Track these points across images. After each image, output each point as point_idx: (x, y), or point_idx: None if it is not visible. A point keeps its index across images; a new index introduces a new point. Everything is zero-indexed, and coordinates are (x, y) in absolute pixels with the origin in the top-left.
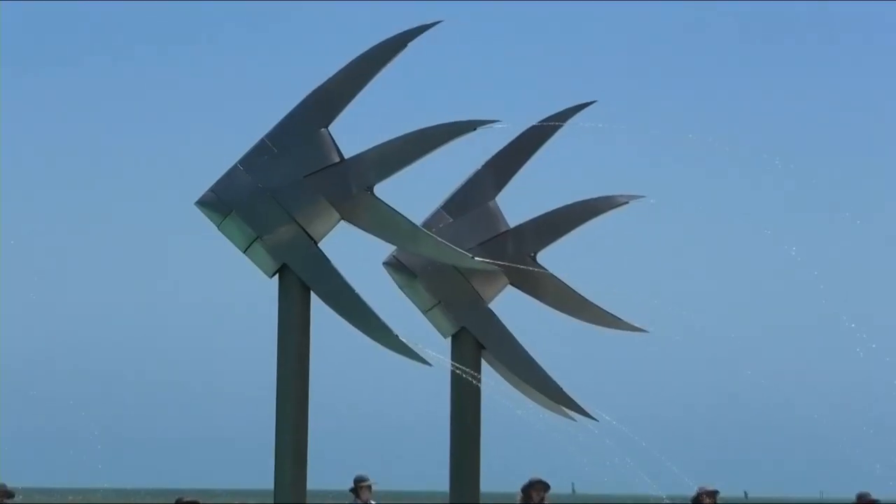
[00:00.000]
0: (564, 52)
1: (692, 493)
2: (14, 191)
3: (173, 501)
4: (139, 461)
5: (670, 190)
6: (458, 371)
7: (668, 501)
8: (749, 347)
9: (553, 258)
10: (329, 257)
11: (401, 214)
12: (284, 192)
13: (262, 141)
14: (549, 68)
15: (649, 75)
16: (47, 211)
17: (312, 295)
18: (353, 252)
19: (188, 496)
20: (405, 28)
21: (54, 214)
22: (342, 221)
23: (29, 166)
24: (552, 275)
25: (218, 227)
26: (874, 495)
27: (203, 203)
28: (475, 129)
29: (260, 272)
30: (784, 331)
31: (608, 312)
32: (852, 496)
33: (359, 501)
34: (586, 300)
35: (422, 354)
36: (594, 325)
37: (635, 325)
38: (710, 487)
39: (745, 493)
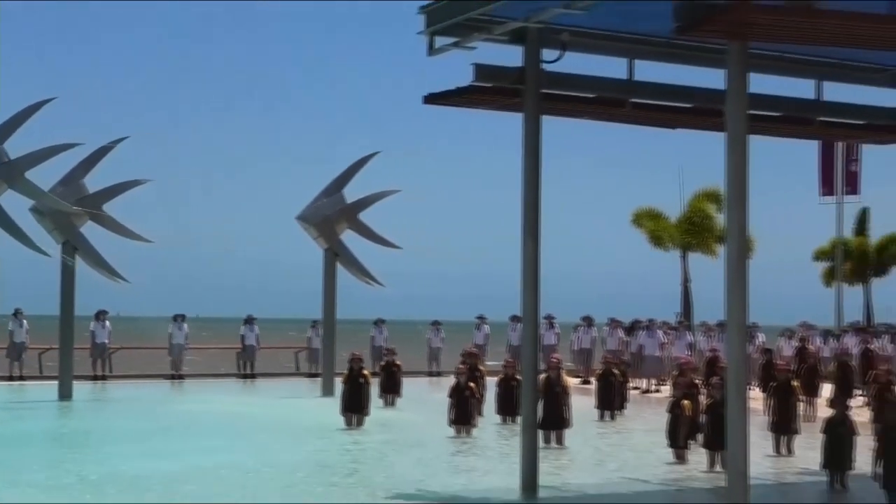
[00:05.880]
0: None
1: (172, 314)
2: None
3: None
4: None
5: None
6: (65, 259)
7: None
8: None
9: (115, 206)
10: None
11: (35, 185)
12: None
13: None
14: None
15: None
16: None
17: None
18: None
19: None
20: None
21: None
22: (10, 190)
23: None
24: (109, 215)
25: None
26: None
27: None
28: (74, 147)
29: None
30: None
31: (124, 226)
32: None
33: (98, 322)
34: (118, 223)
35: (48, 251)
36: (115, 235)
37: (144, 236)
38: (181, 314)
39: (198, 315)
